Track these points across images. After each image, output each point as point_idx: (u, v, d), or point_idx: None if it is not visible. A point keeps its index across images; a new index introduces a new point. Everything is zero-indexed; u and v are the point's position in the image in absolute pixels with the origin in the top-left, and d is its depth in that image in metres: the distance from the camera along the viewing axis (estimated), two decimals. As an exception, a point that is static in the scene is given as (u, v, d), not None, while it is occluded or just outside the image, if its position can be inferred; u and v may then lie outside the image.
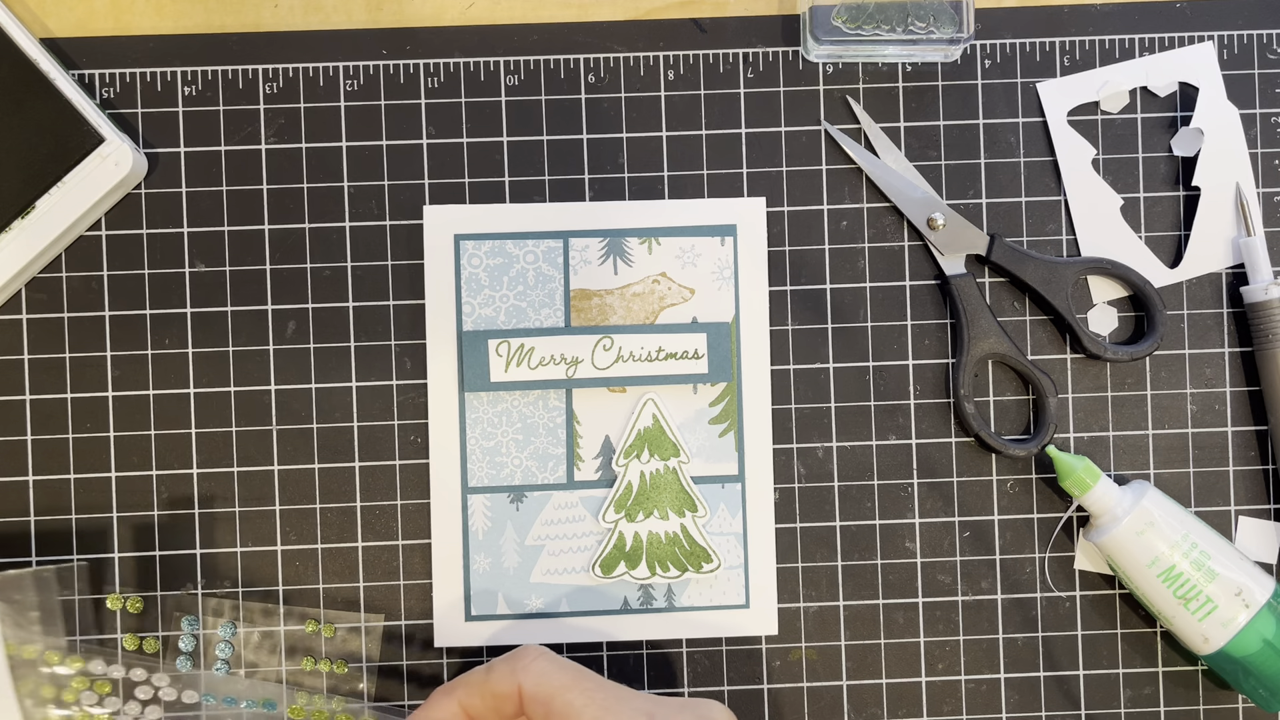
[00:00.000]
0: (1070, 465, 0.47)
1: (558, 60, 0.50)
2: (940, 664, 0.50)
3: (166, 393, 0.49)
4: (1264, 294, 0.49)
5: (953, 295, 0.49)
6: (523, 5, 0.50)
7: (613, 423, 0.49)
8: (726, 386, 0.49)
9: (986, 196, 0.50)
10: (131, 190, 0.49)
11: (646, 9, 0.50)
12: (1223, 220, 0.50)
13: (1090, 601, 0.50)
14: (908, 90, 0.50)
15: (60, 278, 0.49)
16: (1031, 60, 0.50)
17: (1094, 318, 0.50)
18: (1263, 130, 0.50)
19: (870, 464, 0.50)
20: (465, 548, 0.49)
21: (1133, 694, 0.50)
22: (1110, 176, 0.50)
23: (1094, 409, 0.50)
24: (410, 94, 0.50)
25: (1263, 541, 0.50)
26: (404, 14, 0.50)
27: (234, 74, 0.49)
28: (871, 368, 0.50)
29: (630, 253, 0.49)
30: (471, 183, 0.50)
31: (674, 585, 0.49)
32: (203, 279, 0.49)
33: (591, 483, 0.49)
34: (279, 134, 0.49)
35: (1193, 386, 0.50)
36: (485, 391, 0.49)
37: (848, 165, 0.50)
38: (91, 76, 0.49)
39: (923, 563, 0.50)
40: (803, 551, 0.50)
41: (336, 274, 0.49)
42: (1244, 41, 0.50)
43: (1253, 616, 0.46)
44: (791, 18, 0.50)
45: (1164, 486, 0.50)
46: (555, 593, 0.49)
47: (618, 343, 0.49)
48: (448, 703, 0.41)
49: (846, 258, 0.50)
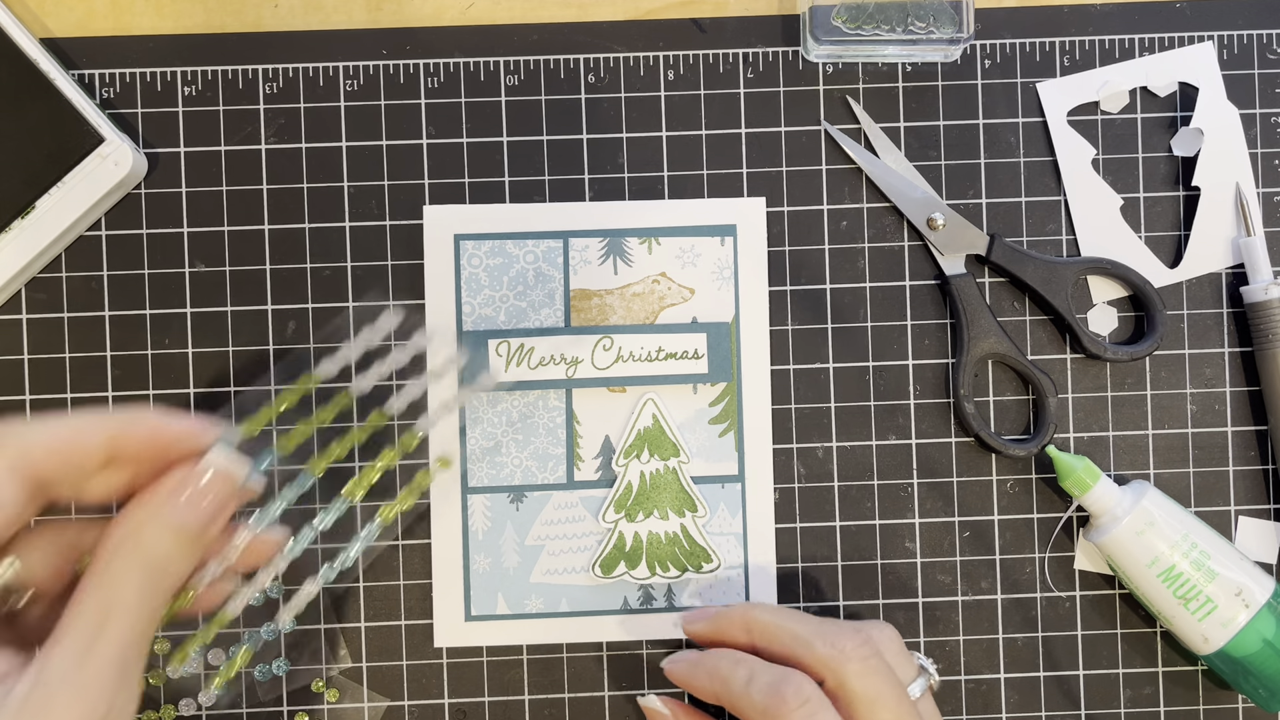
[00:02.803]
0: (1070, 465, 0.47)
1: (558, 60, 0.50)
2: (940, 664, 0.50)
3: (166, 393, 0.49)
4: (1264, 294, 0.49)
5: (953, 295, 0.49)
6: (523, 5, 0.50)
7: (613, 423, 0.49)
8: (726, 386, 0.49)
9: (986, 196, 0.50)
10: (131, 190, 0.49)
11: (646, 9, 0.50)
12: (1223, 220, 0.50)
13: (1090, 601, 0.50)
14: (908, 90, 0.50)
15: (60, 278, 0.49)
16: (1031, 60, 0.50)
17: (1094, 318, 0.50)
18: (1263, 130, 0.50)
19: (870, 464, 0.50)
20: (465, 548, 0.49)
21: (1133, 694, 0.50)
22: (1110, 176, 0.50)
23: (1094, 409, 0.50)
24: (410, 94, 0.50)
25: (1263, 541, 0.50)
26: (404, 14, 0.50)
27: (234, 74, 0.49)
28: (871, 368, 0.50)
29: (630, 253, 0.49)
30: (471, 183, 0.50)
31: (674, 585, 0.49)
32: (203, 279, 0.49)
33: (591, 483, 0.49)
34: (279, 134, 0.49)
35: (1193, 386, 0.50)
36: (485, 391, 0.49)
37: (848, 165, 0.50)
38: (91, 76, 0.49)
39: (923, 563, 0.50)
40: (803, 551, 0.50)
41: (336, 274, 0.49)
42: (1244, 41, 0.50)
43: (1253, 616, 0.46)
44: (791, 18, 0.50)
45: (1164, 486, 0.50)
46: (555, 593, 0.49)
47: (618, 343, 0.49)
48: (708, 685, 0.43)
49: (846, 258, 0.50)
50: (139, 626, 0.32)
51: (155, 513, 0.34)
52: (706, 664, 0.43)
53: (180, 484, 0.35)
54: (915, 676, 0.43)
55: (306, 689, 0.48)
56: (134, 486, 0.35)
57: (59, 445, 0.33)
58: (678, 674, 0.44)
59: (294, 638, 0.48)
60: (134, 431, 0.35)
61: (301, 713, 0.48)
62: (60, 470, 0.33)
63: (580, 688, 0.49)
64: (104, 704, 0.31)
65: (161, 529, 0.34)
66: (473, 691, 0.49)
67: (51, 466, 0.33)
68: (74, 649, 0.31)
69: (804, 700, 0.39)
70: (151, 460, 0.35)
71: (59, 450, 0.33)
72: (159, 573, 0.34)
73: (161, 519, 0.34)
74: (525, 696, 0.49)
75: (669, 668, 0.45)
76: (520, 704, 0.49)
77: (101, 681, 0.31)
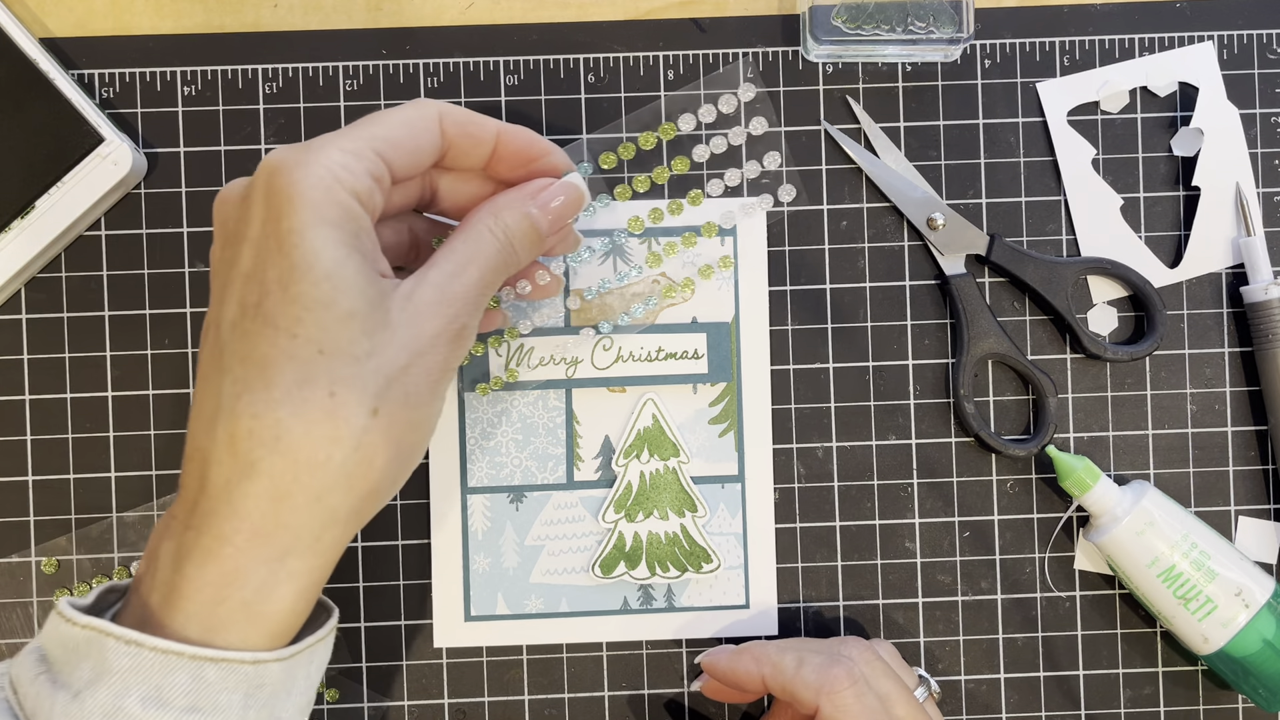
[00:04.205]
0: (1070, 465, 0.47)
1: (557, 60, 0.50)
2: (940, 664, 0.50)
3: (166, 393, 0.49)
4: (1264, 294, 0.49)
5: (953, 295, 0.49)
6: (523, 5, 0.50)
7: (612, 423, 0.49)
8: (726, 386, 0.49)
9: (986, 196, 0.50)
10: (131, 190, 0.49)
11: (646, 9, 0.50)
12: (1223, 220, 0.50)
13: (1090, 601, 0.50)
14: (908, 90, 0.50)
15: (60, 278, 0.49)
16: (1031, 60, 0.50)
17: (1094, 318, 0.50)
18: (1263, 130, 0.50)
19: (870, 464, 0.50)
20: (465, 548, 0.49)
21: (1133, 694, 0.50)
22: (1110, 176, 0.50)
23: (1094, 409, 0.50)
24: (410, 94, 0.50)
25: (1263, 541, 0.50)
26: (404, 14, 0.50)
27: (234, 74, 0.49)
28: (871, 368, 0.50)
29: (630, 253, 0.49)
30: (471, 183, 0.49)
31: (674, 585, 0.49)
32: (202, 279, 0.49)
33: (591, 483, 0.49)
34: (279, 134, 0.49)
35: (1193, 386, 0.50)
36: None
37: (848, 165, 0.50)
38: (91, 76, 0.49)
39: (923, 563, 0.50)
40: (803, 551, 0.50)
41: (336, 274, 0.49)
42: (1244, 41, 0.50)
43: (1253, 616, 0.46)
44: (791, 18, 0.50)
45: (1164, 486, 0.50)
46: (555, 593, 0.49)
47: (618, 343, 0.49)
48: (754, 669, 0.44)
49: (846, 258, 0.50)
50: (487, 279, 0.39)
51: (519, 201, 0.41)
52: (752, 652, 0.44)
53: (541, 187, 0.42)
54: (916, 687, 0.44)
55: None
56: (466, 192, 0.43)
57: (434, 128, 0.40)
58: (720, 665, 0.45)
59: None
60: (516, 136, 0.42)
61: (301, 713, 0.48)
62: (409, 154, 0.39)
63: (580, 688, 0.49)
64: (459, 321, 0.38)
65: (521, 215, 0.41)
66: (473, 691, 0.49)
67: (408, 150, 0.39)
68: (447, 270, 0.38)
69: (855, 679, 0.41)
70: (517, 162, 0.42)
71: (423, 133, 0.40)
72: (509, 248, 0.40)
73: (522, 207, 0.41)
74: (525, 696, 0.49)
75: (708, 661, 0.46)
76: (520, 704, 0.49)
77: (463, 300, 0.38)
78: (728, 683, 0.45)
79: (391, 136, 0.38)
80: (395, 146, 0.38)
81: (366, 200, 0.36)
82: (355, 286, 0.35)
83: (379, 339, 0.35)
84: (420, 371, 0.36)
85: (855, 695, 0.41)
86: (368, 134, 0.37)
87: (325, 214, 0.35)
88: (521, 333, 0.48)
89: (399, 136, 0.38)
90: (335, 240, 0.35)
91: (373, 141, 0.37)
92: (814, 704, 0.41)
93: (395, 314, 0.36)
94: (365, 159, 0.37)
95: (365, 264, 0.36)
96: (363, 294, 0.35)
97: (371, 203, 0.37)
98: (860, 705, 0.41)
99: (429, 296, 0.37)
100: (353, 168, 0.36)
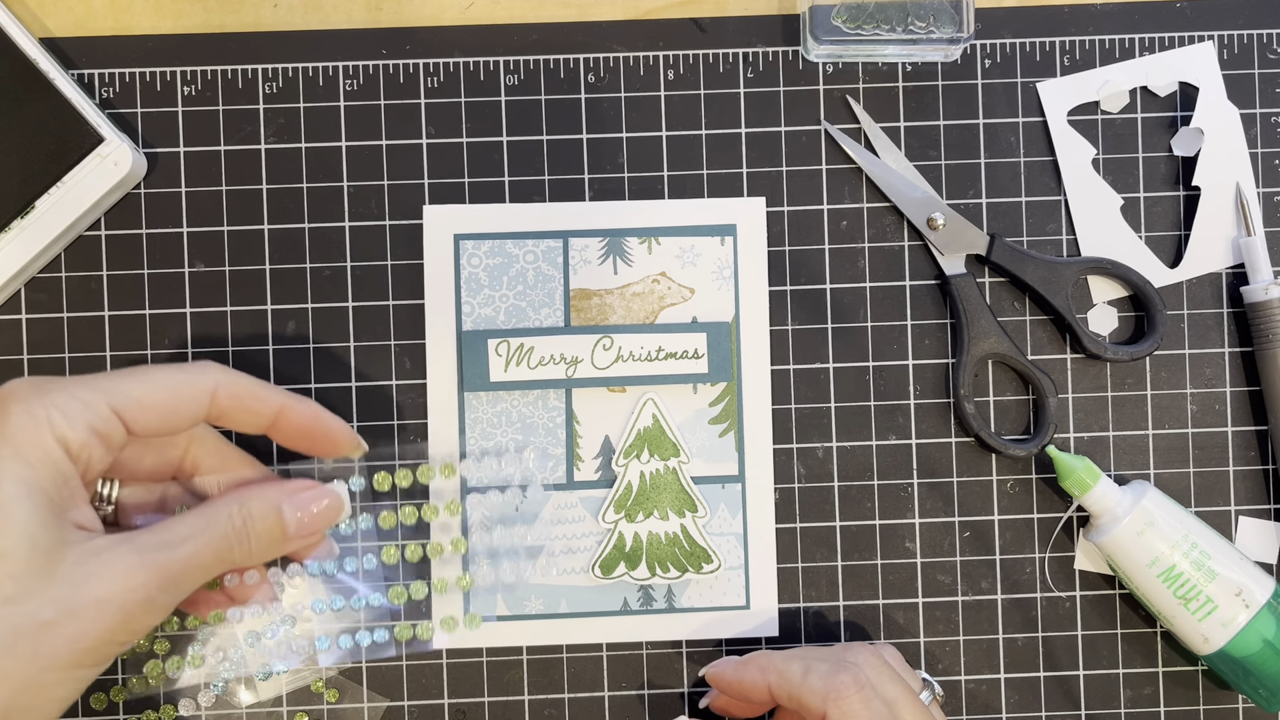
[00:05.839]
0: (1070, 465, 0.47)
1: (557, 60, 0.50)
2: (940, 664, 0.50)
3: (166, 393, 0.49)
4: (1264, 294, 0.49)
5: (953, 295, 0.49)
6: (522, 5, 0.50)
7: (612, 423, 0.49)
8: (726, 386, 0.49)
9: (986, 196, 0.50)
10: (131, 190, 0.49)
11: (646, 9, 0.50)
12: (1223, 220, 0.50)
13: (1090, 601, 0.50)
14: (908, 90, 0.50)
15: (60, 277, 0.49)
16: (1031, 60, 0.50)
17: (1094, 318, 0.50)
18: (1263, 130, 0.50)
19: (870, 464, 0.50)
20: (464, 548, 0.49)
21: (1133, 694, 0.50)
22: (1110, 176, 0.50)
23: (1094, 409, 0.50)
24: (410, 94, 0.50)
25: (1263, 541, 0.50)
26: (404, 14, 0.50)
27: (233, 74, 0.49)
28: (871, 368, 0.50)
29: (630, 252, 0.49)
30: (471, 183, 0.49)
31: (674, 586, 0.49)
32: (202, 279, 0.49)
33: (591, 483, 0.49)
34: (278, 134, 0.49)
35: (1193, 386, 0.50)
36: (485, 391, 0.49)
37: (848, 165, 0.50)
38: (91, 76, 0.49)
39: (923, 563, 0.50)
40: (803, 552, 0.50)
41: (336, 274, 0.49)
42: (1244, 41, 0.50)
43: (1253, 616, 0.46)
44: (791, 17, 0.50)
45: (1164, 486, 0.50)
46: (555, 593, 0.49)
47: (617, 342, 0.49)
48: (760, 679, 0.44)
49: (846, 258, 0.50)
50: (206, 561, 0.38)
51: (274, 497, 0.40)
52: (757, 662, 0.44)
53: (304, 487, 0.41)
54: (920, 691, 0.44)
55: (306, 689, 0.48)
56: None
57: (170, 398, 0.39)
58: (726, 676, 0.45)
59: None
60: (298, 415, 0.41)
61: (301, 713, 0.48)
62: (164, 421, 0.39)
63: (580, 688, 0.49)
64: (144, 593, 0.36)
65: (271, 509, 0.40)
66: (473, 692, 0.49)
67: (156, 418, 0.39)
68: (163, 539, 0.37)
69: (862, 685, 0.41)
70: (296, 438, 0.42)
71: (170, 400, 0.39)
72: (243, 538, 0.39)
73: (275, 504, 0.40)
74: (525, 697, 0.49)
75: (713, 673, 0.46)
76: (520, 704, 0.49)
77: (165, 573, 0.37)
78: (734, 693, 0.45)
79: (144, 397, 0.38)
80: (144, 408, 0.38)
81: (77, 451, 0.37)
82: (20, 527, 0.35)
83: (28, 585, 0.35)
84: (66, 634, 0.35)
85: (862, 701, 0.41)
86: (116, 388, 0.38)
87: (21, 452, 0.35)
88: (231, 620, 0.44)
89: (156, 399, 0.39)
90: (18, 478, 0.35)
91: (113, 396, 0.38)
92: (821, 711, 0.41)
93: (65, 567, 0.35)
94: (94, 411, 0.37)
95: (46, 509, 0.35)
96: (27, 537, 0.35)
97: (84, 454, 0.37)
98: (867, 711, 0.41)
99: (123, 560, 0.36)
100: (74, 418, 0.36)
